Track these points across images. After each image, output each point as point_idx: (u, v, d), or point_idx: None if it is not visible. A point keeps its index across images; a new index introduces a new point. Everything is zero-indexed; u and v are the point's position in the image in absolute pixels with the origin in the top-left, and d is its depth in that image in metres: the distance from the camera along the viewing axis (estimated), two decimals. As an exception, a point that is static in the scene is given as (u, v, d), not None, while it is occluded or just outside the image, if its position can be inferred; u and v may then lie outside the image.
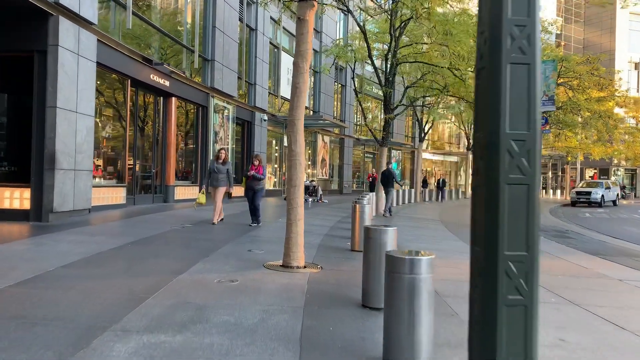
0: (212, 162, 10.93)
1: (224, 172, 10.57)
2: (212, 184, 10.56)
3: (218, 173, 10.52)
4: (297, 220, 6.26)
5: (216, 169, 10.56)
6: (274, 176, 24.41)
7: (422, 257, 3.17)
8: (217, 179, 10.50)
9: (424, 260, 3.15)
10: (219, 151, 10.86)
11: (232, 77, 18.97)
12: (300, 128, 6.21)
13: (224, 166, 10.59)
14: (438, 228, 13.09)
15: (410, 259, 3.16)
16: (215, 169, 10.59)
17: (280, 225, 10.73)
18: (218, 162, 10.65)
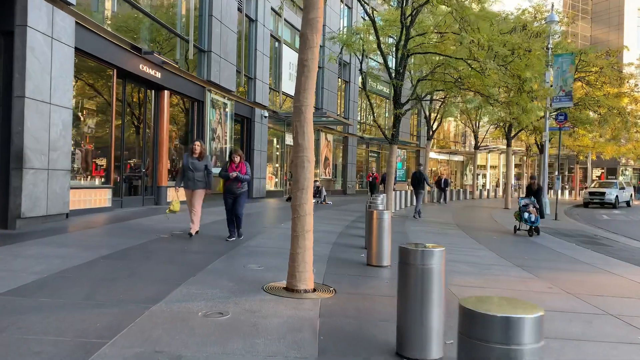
0: (185, 157, 8.55)
1: (201, 170, 8.47)
2: (188, 185, 8.50)
3: (194, 171, 8.43)
4: (304, 232, 5.01)
5: (191, 166, 8.43)
6: (275, 176, 23.16)
7: (526, 315, 1.90)
8: (193, 179, 8.46)
9: (530, 320, 1.88)
10: (193, 143, 8.61)
11: (230, 70, 17.72)
12: (308, 117, 4.95)
13: (200, 162, 8.48)
14: (457, 234, 11.83)
15: (505, 318, 1.89)
16: (190, 165, 8.44)
17: (282, 232, 9.48)
18: (193, 157, 8.48)
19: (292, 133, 5.02)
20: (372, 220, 6.71)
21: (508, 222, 16.05)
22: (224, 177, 8.20)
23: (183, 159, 8.61)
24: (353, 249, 8.26)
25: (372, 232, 6.68)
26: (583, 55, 21.02)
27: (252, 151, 19.97)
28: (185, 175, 8.49)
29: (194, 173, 8.41)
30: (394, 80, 15.16)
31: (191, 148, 8.62)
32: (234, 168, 8.08)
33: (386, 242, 6.62)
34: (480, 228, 13.61)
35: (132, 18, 13.30)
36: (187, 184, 8.51)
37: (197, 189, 8.53)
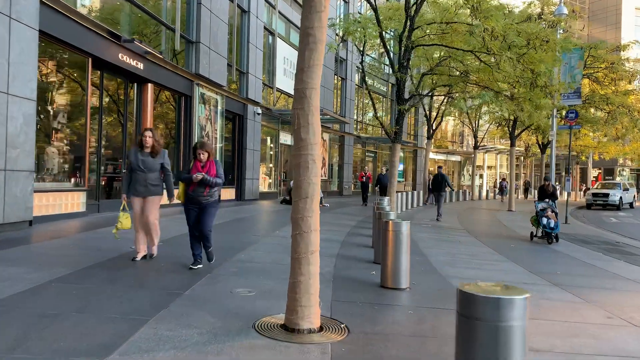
0: (133, 153, 6.15)
1: (155, 170, 6.17)
2: (137, 191, 6.11)
3: (146, 172, 6.07)
4: (309, 254, 3.86)
5: (141, 165, 6.06)
6: (269, 177, 21.96)
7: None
8: (145, 183, 6.07)
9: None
10: (142, 133, 6.22)
11: (220, 63, 16.51)
12: (314, 104, 3.80)
13: (154, 159, 6.13)
14: (470, 241, 10.71)
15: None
16: (139, 164, 6.05)
17: (278, 242, 8.31)
18: (144, 153, 6.11)
19: (292, 125, 3.85)
20: (388, 233, 5.54)
21: (518, 226, 14.97)
22: (185, 181, 5.89)
23: (129, 156, 6.19)
24: (361, 263, 7.11)
25: (388, 247, 5.52)
26: (592, 50, 20.00)
27: (244, 150, 18.76)
28: (133, 177, 6.12)
29: (145, 174, 6.08)
30: (398, 74, 14.02)
31: (139, 140, 6.18)
32: (200, 168, 5.86)
33: (405, 260, 5.48)
34: (492, 234, 12.51)
35: (110, 2, 12.08)
36: (136, 190, 6.11)
37: (150, 196, 6.17)
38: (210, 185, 5.89)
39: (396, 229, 5.49)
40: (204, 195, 5.94)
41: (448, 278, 6.35)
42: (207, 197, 5.96)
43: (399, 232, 5.48)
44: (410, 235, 5.62)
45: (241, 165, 18.73)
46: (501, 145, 50.79)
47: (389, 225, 5.51)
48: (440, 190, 15.87)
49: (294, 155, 3.85)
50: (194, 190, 5.89)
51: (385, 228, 5.58)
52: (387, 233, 5.53)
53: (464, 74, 15.27)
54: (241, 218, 12.33)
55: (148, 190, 6.15)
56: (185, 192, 5.96)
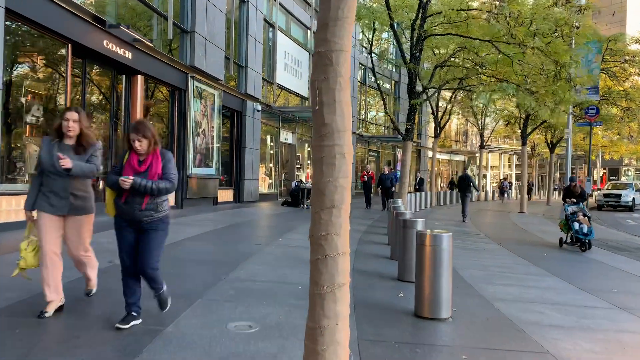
0: (44, 144, 3.99)
1: (79, 171, 3.92)
2: (49, 203, 3.93)
3: (65, 176, 3.90)
4: (334, 289, 2.72)
5: (55, 163, 3.87)
6: (269, 177, 20.82)
7: None
8: (65, 192, 3.94)
9: None
10: (63, 115, 3.98)
11: (217, 55, 15.37)
12: (344, 73, 2.66)
13: (80, 156, 3.98)
14: (495, 249, 9.59)
15: None
16: (54, 163, 3.88)
17: (282, 252, 7.16)
18: (64, 145, 3.98)
19: (312, 104, 2.71)
20: (424, 250, 4.40)
21: (538, 230, 13.85)
22: (110, 184, 3.73)
23: (40, 148, 3.99)
24: (383, 281, 5.97)
25: (424, 267, 4.38)
26: (611, 44, 18.91)
27: (243, 149, 17.62)
28: (45, 183, 3.94)
29: (65, 180, 3.90)
30: (410, 64, 12.91)
31: (57, 126, 3.98)
32: (135, 164, 3.71)
33: (446, 284, 4.34)
34: (515, 240, 11.39)
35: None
36: (49, 203, 3.91)
37: (75, 215, 4.01)
38: (151, 193, 3.64)
39: (435, 244, 4.35)
40: (142, 210, 3.66)
41: (492, 300, 5.23)
42: (147, 212, 3.68)
43: (438, 248, 4.35)
44: (452, 251, 4.48)
45: (240, 165, 17.59)
46: (506, 145, 49.76)
47: (426, 239, 4.38)
48: (466, 191, 15.77)
49: (315, 147, 2.72)
50: (128, 201, 3.64)
51: (420, 242, 4.44)
52: (423, 249, 4.39)
53: (479, 66, 14.14)
54: (239, 223, 11.20)
55: (70, 206, 3.92)
56: (115, 204, 3.73)
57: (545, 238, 12.09)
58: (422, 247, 4.41)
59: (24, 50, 8.85)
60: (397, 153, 35.12)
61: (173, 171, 3.80)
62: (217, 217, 12.11)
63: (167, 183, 3.73)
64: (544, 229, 14.40)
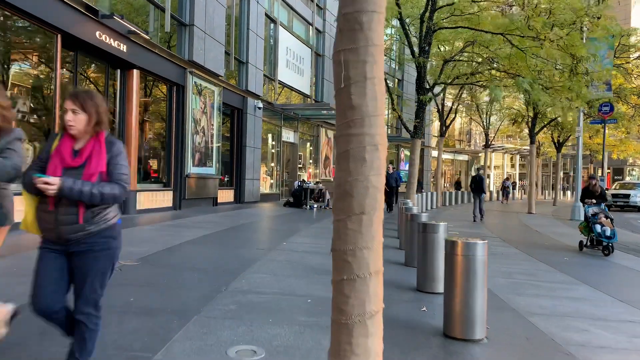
0: None
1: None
2: None
3: None
4: (365, 318, 2.15)
5: None
6: (270, 177, 20.22)
7: None
8: None
9: None
10: None
11: (217, 50, 14.78)
12: (377, 41, 2.07)
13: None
14: (513, 253, 8.99)
15: None
16: None
17: (287, 259, 6.55)
18: None
19: (336, 82, 2.11)
20: (455, 260, 3.78)
21: (553, 232, 13.24)
22: (28, 187, 2.40)
23: None
24: (402, 292, 5.37)
25: (455, 280, 3.77)
26: (624, 39, 18.30)
27: (243, 148, 17.03)
28: None
29: None
30: (419, 59, 12.33)
31: None
32: (67, 156, 2.44)
33: (481, 299, 3.73)
34: (531, 243, 10.79)
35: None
36: None
37: None
38: (90, 202, 2.39)
39: (469, 254, 3.74)
40: (75, 224, 2.41)
41: (526, 315, 4.63)
42: (82, 227, 2.42)
43: (472, 258, 3.74)
44: (487, 261, 3.87)
45: (240, 165, 17.00)
46: (509, 145, 49.14)
47: (458, 248, 3.77)
48: (480, 192, 15.83)
49: (339, 137, 2.12)
50: (56, 210, 2.39)
51: (451, 251, 3.83)
52: (454, 259, 3.78)
53: (490, 61, 13.55)
54: (240, 225, 10.60)
55: None
56: (36, 215, 2.47)
57: (562, 240, 11.48)
58: (453, 257, 3.81)
59: (9, 40, 8.25)
60: (401, 152, 34.53)
61: (124, 170, 2.48)
62: (217, 219, 11.51)
63: (116, 188, 2.42)
64: (558, 231, 13.79)
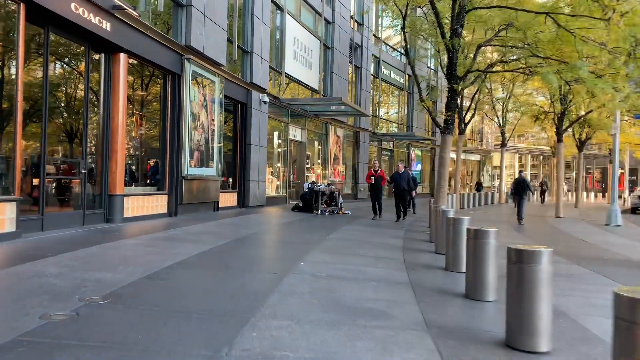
0: None
1: None
2: None
3: None
4: None
5: None
6: (277, 178, 18.54)
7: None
8: None
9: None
10: None
11: (218, 36, 13.12)
12: None
13: None
14: (583, 274, 7.27)
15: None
16: None
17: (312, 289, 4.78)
18: None
19: None
20: (518, 271, 2.28)
21: (604, 242, 11.49)
22: None
23: None
24: (451, 298, 3.66)
25: (521, 296, 2.17)
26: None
27: (248, 146, 15.36)
28: None
29: None
30: (450, 41, 10.66)
31: None
32: None
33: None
34: (592, 257, 9.07)
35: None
36: None
37: None
38: None
39: (531, 261, 2.04)
40: None
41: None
42: None
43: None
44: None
45: (244, 165, 15.33)
46: (521, 144, 47.37)
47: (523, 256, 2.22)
48: (522, 194, 15.43)
49: None
50: None
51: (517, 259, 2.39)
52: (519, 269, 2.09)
53: (528, 46, 11.84)
54: (245, 237, 8.91)
55: None
56: None
57: (624, 253, 9.78)
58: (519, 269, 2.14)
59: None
60: (412, 152, 32.80)
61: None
62: (218, 229, 9.84)
63: None
64: (608, 240, 12.08)
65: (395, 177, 13.92)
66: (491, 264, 5.15)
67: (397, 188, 13.85)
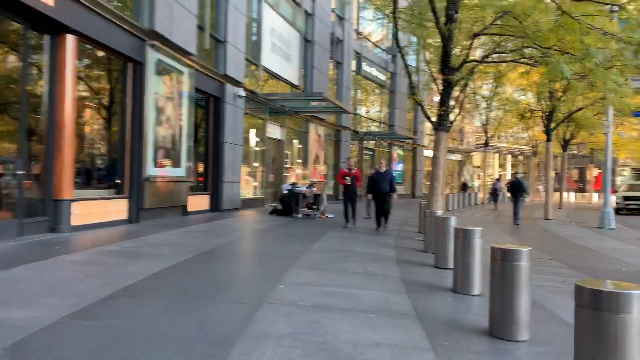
0: None
1: None
2: None
3: None
4: None
5: None
6: (254, 180, 17.26)
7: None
8: None
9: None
10: None
11: (188, 22, 11.80)
12: None
13: None
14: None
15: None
16: None
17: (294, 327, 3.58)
18: None
19: None
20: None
21: (607, 249, 10.57)
22: None
23: None
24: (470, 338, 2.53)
25: None
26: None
27: (221, 144, 14.05)
28: None
29: None
30: (444, 27, 9.60)
31: None
32: None
33: None
34: (604, 269, 8.11)
35: None
36: None
37: None
38: None
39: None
40: None
41: None
42: None
43: None
44: None
45: (217, 165, 14.02)
46: (501, 144, 46.93)
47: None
48: (518, 196, 15.70)
49: None
50: None
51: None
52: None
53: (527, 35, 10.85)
54: (215, 249, 7.65)
55: None
56: None
57: (631, 261, 8.87)
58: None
59: None
60: (393, 152, 31.83)
61: None
62: (184, 238, 8.55)
63: None
64: (609, 246, 11.20)
65: (375, 177, 11.57)
66: (523, 290, 3.95)
67: (376, 190, 11.41)
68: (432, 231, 8.05)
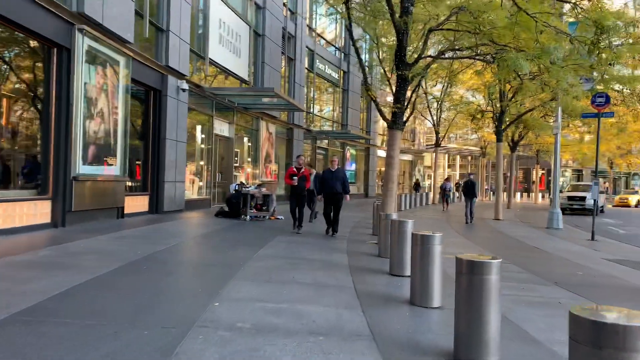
0: None
1: None
2: None
3: None
4: None
5: None
6: (199, 179, 16.30)
7: None
8: None
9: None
10: None
11: (124, 6, 10.79)
12: None
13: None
14: (577, 300, 5.92)
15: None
16: None
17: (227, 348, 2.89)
18: None
19: None
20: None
21: (566, 251, 10.40)
22: None
23: None
24: None
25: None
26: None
27: (163, 140, 13.07)
28: None
29: None
30: (399, 19, 9.13)
31: None
32: None
33: None
34: (568, 274, 7.87)
35: None
36: None
37: None
38: None
39: None
40: None
41: None
42: None
43: None
44: None
45: (158, 163, 13.03)
46: (451, 144, 47.69)
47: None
48: (471, 196, 16.37)
49: None
50: None
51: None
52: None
53: (481, 32, 10.59)
54: (145, 257, 6.80)
55: None
56: None
57: (584, 263, 8.71)
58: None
59: None
60: (346, 151, 31.50)
61: None
62: (113, 245, 7.63)
63: None
64: (565, 248, 11.12)
65: (326, 176, 10.51)
66: (493, 307, 3.47)
67: (327, 190, 10.37)
68: (387, 235, 7.54)
